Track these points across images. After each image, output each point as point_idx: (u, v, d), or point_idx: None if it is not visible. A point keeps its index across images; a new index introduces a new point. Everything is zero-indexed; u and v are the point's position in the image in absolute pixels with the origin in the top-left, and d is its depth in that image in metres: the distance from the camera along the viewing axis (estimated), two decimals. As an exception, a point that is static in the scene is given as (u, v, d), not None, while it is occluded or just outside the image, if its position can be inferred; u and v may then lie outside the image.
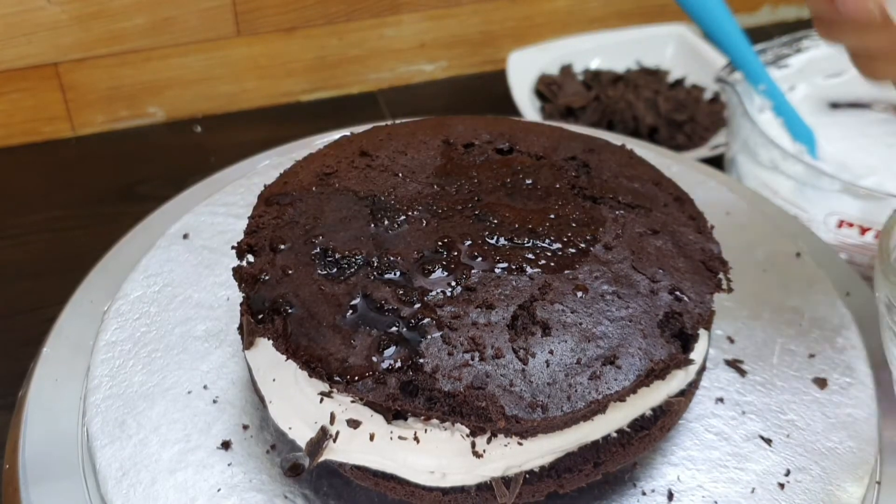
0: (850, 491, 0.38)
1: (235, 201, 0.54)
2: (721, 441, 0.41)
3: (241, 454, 0.40)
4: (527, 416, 0.32)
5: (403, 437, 0.35)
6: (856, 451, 0.40)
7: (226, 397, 0.42)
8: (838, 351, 0.45)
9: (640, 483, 0.39)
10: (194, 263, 0.50)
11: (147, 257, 0.50)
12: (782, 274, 0.50)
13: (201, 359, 0.44)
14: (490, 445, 0.35)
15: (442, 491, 0.36)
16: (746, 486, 0.39)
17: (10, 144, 0.79)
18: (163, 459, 0.39)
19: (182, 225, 0.52)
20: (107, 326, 0.46)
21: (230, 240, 0.52)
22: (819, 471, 0.39)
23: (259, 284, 0.37)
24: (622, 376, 0.34)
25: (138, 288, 0.48)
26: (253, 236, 0.40)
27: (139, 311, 0.47)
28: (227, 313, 0.47)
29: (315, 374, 0.34)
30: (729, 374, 0.44)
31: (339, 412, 0.36)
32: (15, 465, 0.40)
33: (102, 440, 0.40)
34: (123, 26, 0.76)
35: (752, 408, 0.42)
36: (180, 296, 0.48)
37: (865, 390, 0.43)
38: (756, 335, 0.46)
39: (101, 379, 0.43)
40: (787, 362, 0.44)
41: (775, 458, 0.40)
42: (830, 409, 0.42)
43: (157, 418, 0.41)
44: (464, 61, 0.88)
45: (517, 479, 0.35)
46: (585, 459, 0.36)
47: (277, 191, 0.43)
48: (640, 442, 0.37)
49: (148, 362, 0.44)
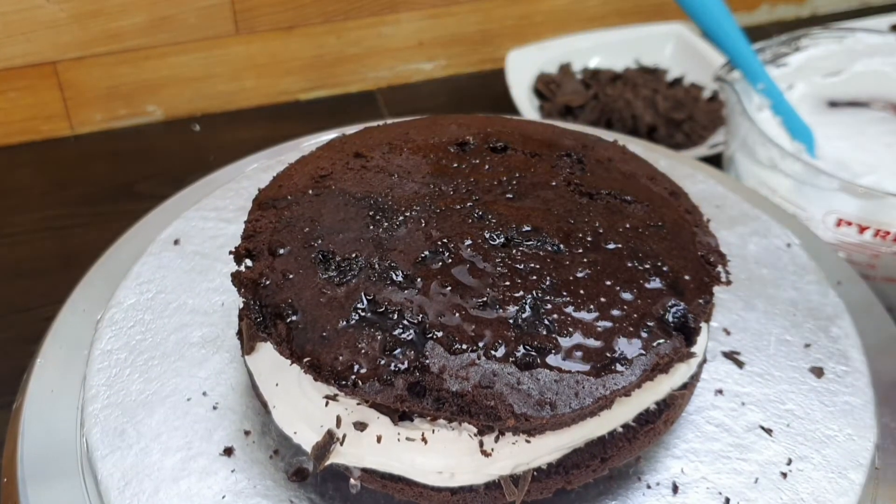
0: (852, 478, 0.39)
1: (225, 205, 0.54)
2: (722, 432, 0.41)
3: (245, 460, 0.40)
4: (536, 413, 0.33)
5: (411, 439, 0.35)
6: (855, 438, 0.41)
7: (226, 403, 0.42)
8: (833, 340, 0.45)
9: (645, 477, 0.39)
10: (187, 269, 0.49)
11: (139, 264, 0.49)
12: (774, 265, 0.50)
13: (199, 365, 0.44)
14: (498, 444, 0.35)
15: (451, 491, 0.36)
16: (749, 477, 0.39)
17: (8, 143, 0.79)
18: (165, 468, 0.39)
19: (173, 231, 0.52)
20: (101, 335, 0.45)
21: (222, 245, 0.51)
22: (820, 459, 0.40)
23: (259, 289, 0.37)
24: (628, 371, 0.34)
25: (131, 295, 0.47)
26: (250, 241, 0.40)
27: (133, 318, 0.46)
28: (222, 319, 0.47)
29: (321, 378, 0.34)
30: (727, 366, 0.44)
31: (345, 415, 0.36)
32: (13, 478, 0.40)
33: (103, 450, 0.40)
34: (122, 25, 0.76)
35: (752, 398, 0.43)
36: (174, 302, 0.47)
37: (861, 378, 0.43)
38: (751, 327, 0.46)
39: (98, 388, 0.42)
40: (784, 352, 0.45)
41: (776, 448, 0.40)
42: (828, 398, 0.43)
43: (157, 426, 0.41)
44: (462, 60, 0.89)
45: (525, 477, 0.35)
46: (592, 455, 0.36)
47: (272, 194, 0.42)
48: (645, 436, 0.37)
49: (145, 370, 0.43)
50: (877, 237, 0.55)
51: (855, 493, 0.38)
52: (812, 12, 1.00)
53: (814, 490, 0.38)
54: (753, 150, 0.59)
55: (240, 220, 0.52)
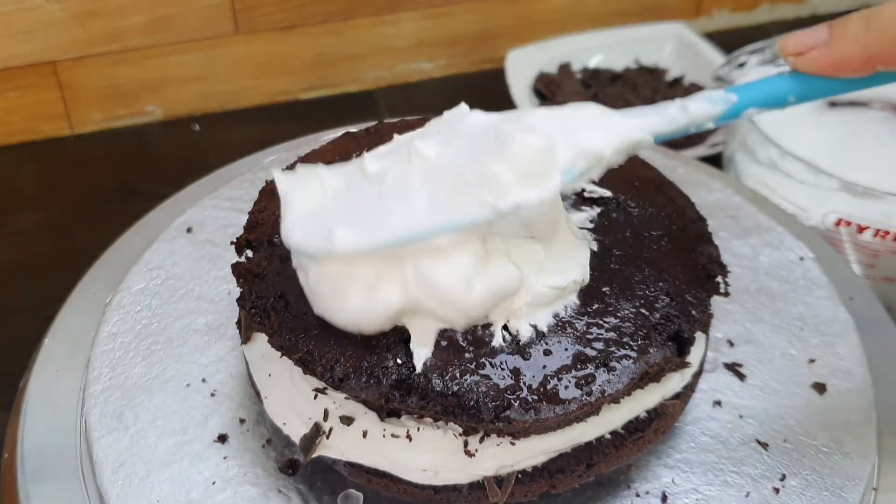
0: (846, 497, 0.38)
1: (240, 195, 0.55)
2: (717, 444, 0.41)
3: (237, 448, 0.40)
4: (519, 417, 0.32)
5: (396, 435, 0.35)
6: (853, 456, 0.40)
7: (224, 391, 0.43)
8: (838, 357, 0.45)
9: (635, 485, 0.39)
10: (197, 257, 0.50)
11: (150, 250, 0.50)
12: (785, 279, 0.49)
13: (201, 352, 0.45)
14: (482, 445, 0.35)
15: (434, 489, 0.36)
16: (741, 490, 0.39)
17: (8, 143, 0.79)
18: (159, 451, 0.39)
19: (186, 219, 0.52)
20: (108, 318, 0.46)
21: (233, 234, 0.51)
22: (815, 476, 0.39)
23: (256, 280, 0.37)
24: (615, 378, 0.34)
25: (141, 280, 0.48)
26: (252, 232, 0.40)
27: (141, 303, 0.47)
28: (228, 307, 0.47)
29: (309, 371, 0.34)
30: (728, 378, 0.44)
31: (332, 408, 0.36)
32: (14, 455, 0.41)
33: (100, 431, 0.40)
34: (121, 24, 0.76)
35: (750, 412, 0.42)
36: (182, 289, 0.48)
37: (864, 396, 0.43)
38: (756, 339, 0.46)
39: (100, 370, 0.43)
40: (787, 367, 0.44)
41: (771, 463, 0.40)
42: (828, 415, 0.42)
43: (154, 410, 0.41)
44: (462, 60, 0.88)
45: (509, 479, 0.35)
46: (578, 460, 0.36)
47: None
48: (633, 444, 0.37)
49: (148, 354, 0.44)
50: (876, 237, 0.55)
51: (848, 514, 0.38)
52: (812, 12, 0.99)
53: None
54: (753, 149, 0.59)
55: (249, 211, 0.53)
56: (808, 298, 0.48)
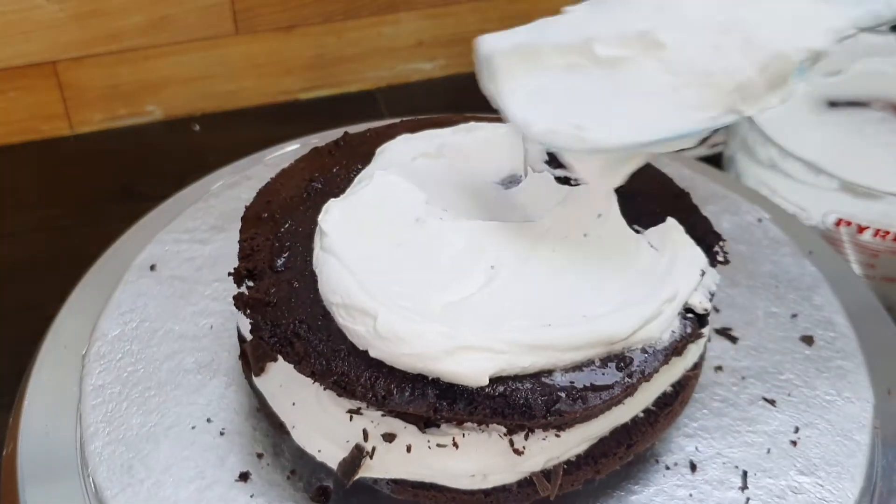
0: (858, 439, 0.40)
1: (196, 226, 0.53)
2: (729, 407, 0.42)
3: (262, 484, 0.39)
4: (569, 408, 0.33)
5: (442, 445, 0.35)
6: (854, 400, 0.42)
7: (233, 428, 0.41)
8: (817, 308, 0.47)
9: (662, 458, 0.40)
10: (167, 295, 0.48)
11: (118, 293, 0.47)
12: (749, 241, 0.51)
13: (197, 392, 0.43)
14: (528, 441, 0.35)
15: (484, 493, 0.36)
16: (762, 448, 0.40)
17: (8, 143, 0.77)
18: (181, 500, 0.38)
19: (147, 255, 0.50)
20: (90, 370, 0.43)
21: (199, 266, 0.50)
22: (825, 424, 0.41)
23: (269, 309, 0.36)
24: (651, 357, 0.35)
25: (114, 326, 0.46)
26: (249, 260, 0.39)
27: (121, 350, 0.45)
28: (213, 342, 0.45)
29: (346, 394, 0.34)
30: (722, 343, 0.45)
31: (371, 428, 0.35)
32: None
33: (112, 489, 0.38)
34: (121, 24, 0.75)
35: (750, 372, 0.44)
36: (160, 330, 0.46)
37: (850, 342, 0.45)
38: (738, 302, 0.48)
39: (96, 426, 0.41)
40: (773, 325, 0.46)
41: (782, 418, 0.41)
42: (822, 364, 0.44)
43: (165, 459, 0.39)
44: (462, 60, 0.87)
45: (556, 471, 0.35)
46: (619, 442, 0.37)
47: (262, 209, 0.41)
48: (665, 418, 0.38)
49: (142, 402, 0.42)
50: (876, 237, 0.56)
51: (863, 454, 0.40)
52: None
53: (824, 454, 0.40)
54: (753, 149, 0.60)
55: (214, 241, 0.51)
56: (774, 257, 0.50)
